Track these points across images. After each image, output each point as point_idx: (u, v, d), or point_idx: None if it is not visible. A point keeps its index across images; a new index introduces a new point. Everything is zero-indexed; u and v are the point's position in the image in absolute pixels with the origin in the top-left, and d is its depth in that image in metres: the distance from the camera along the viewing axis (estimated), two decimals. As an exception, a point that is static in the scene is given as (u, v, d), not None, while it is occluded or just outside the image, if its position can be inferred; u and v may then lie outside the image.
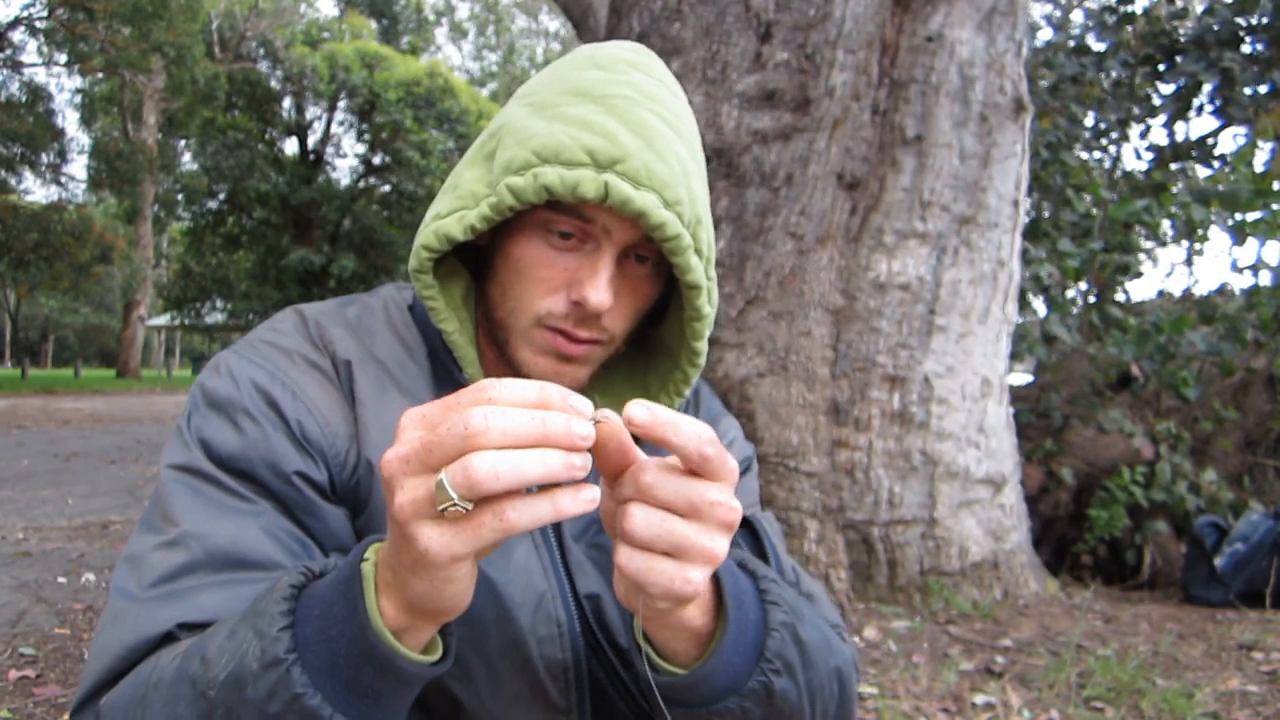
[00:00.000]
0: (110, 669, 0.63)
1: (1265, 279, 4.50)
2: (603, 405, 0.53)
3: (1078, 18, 6.95)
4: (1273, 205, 4.23)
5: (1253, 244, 4.70)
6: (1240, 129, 5.82)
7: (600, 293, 0.72)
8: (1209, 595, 3.21)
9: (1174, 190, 5.26)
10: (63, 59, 19.79)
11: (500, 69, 38.83)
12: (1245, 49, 5.38)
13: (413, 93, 22.74)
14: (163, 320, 34.28)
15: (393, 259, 23.53)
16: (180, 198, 24.58)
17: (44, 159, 20.58)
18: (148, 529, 0.70)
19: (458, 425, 0.47)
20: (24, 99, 19.57)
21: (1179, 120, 5.84)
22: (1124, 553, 3.71)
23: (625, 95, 0.73)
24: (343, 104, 24.30)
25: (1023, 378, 5.39)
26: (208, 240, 24.79)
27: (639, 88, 0.74)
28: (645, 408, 0.52)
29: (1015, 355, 4.03)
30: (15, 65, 19.26)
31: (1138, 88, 5.64)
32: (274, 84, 24.07)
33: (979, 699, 2.20)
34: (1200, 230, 4.71)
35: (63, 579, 3.37)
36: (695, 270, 0.72)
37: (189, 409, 0.76)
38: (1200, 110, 5.71)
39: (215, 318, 26.62)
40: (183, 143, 25.44)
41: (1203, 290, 6.14)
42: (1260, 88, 5.37)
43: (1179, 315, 4.01)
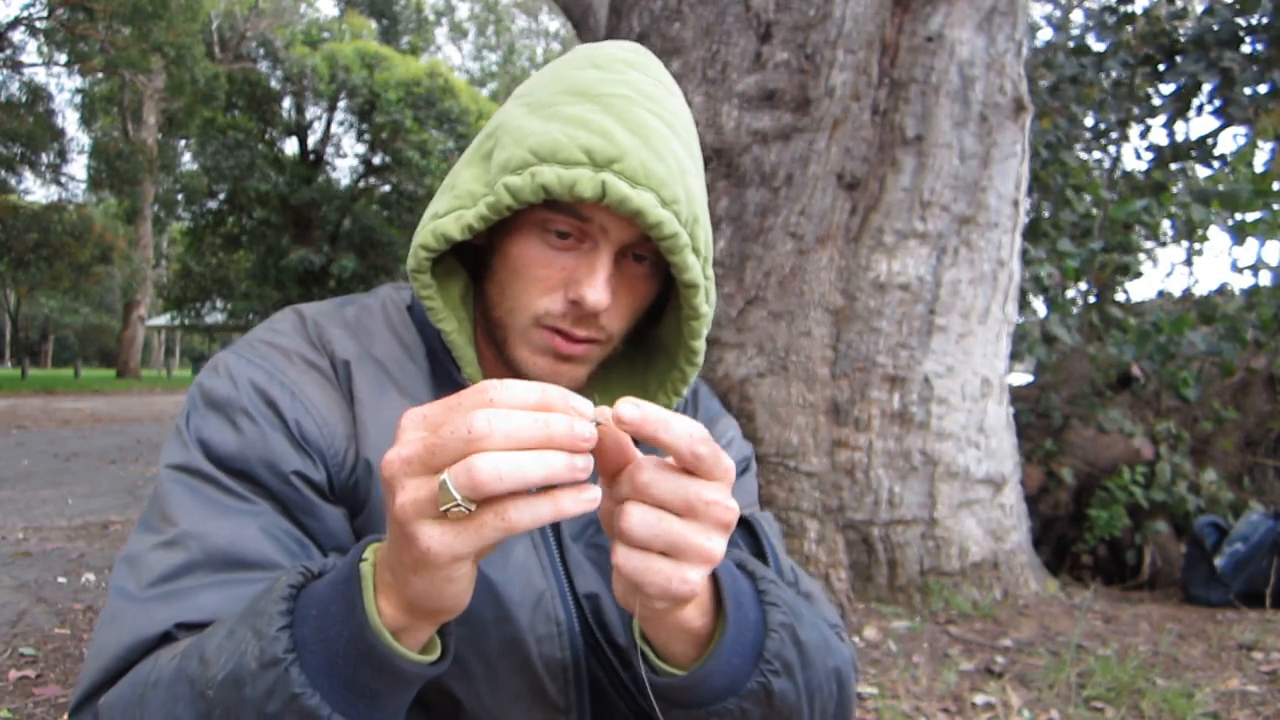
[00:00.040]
0: (109, 669, 0.64)
1: (1265, 279, 4.50)
2: (601, 405, 0.53)
3: (1078, 18, 6.95)
4: (1273, 205, 4.23)
5: (1253, 244, 4.69)
6: (1240, 129, 5.82)
7: (598, 292, 0.72)
8: (1209, 595, 3.21)
9: (1174, 190, 5.26)
10: (63, 59, 19.80)
11: (500, 69, 38.83)
12: (1245, 49, 5.37)
13: (413, 93, 22.73)
14: (163, 320, 34.29)
15: (393, 259, 23.52)
16: (180, 198, 24.58)
17: (44, 159, 20.58)
18: (146, 529, 0.70)
19: (461, 428, 0.47)
20: (24, 99, 19.57)
21: (1179, 120, 5.84)
22: (1124, 553, 3.71)
23: (622, 94, 0.73)
24: (343, 104, 24.30)
25: (1023, 378, 5.39)
26: (208, 240, 24.79)
27: (636, 87, 0.74)
28: (635, 406, 0.51)
29: (1015, 355, 4.03)
30: (15, 65, 19.26)
31: (1138, 88, 5.64)
32: (274, 84, 24.06)
33: (979, 699, 2.20)
34: (1200, 230, 4.71)
35: (63, 579, 3.37)
36: (692, 269, 0.72)
37: (188, 409, 0.76)
38: (1200, 110, 5.70)
39: (215, 318, 26.61)
40: (183, 143, 25.45)
41: (1203, 290, 6.14)
42: (1260, 88, 5.37)
43: (1179, 315, 4.01)
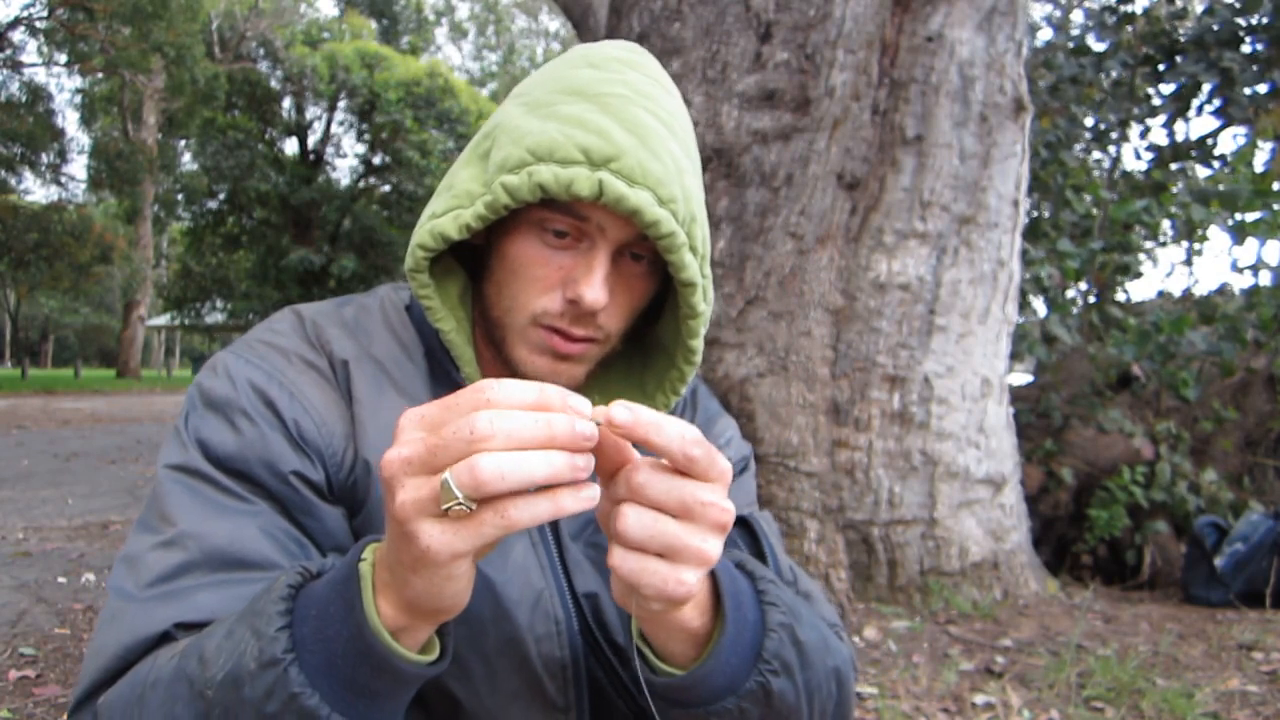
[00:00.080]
0: (108, 668, 0.64)
1: (1265, 279, 4.50)
2: (600, 404, 0.53)
3: (1078, 18, 6.94)
4: (1273, 205, 4.22)
5: (1253, 244, 4.70)
6: (1240, 129, 5.81)
7: (595, 291, 0.72)
8: (1209, 595, 3.21)
9: (1174, 190, 5.25)
10: (63, 59, 19.79)
11: (500, 69, 38.83)
12: (1245, 49, 5.37)
13: (413, 93, 22.72)
14: (163, 320, 34.28)
15: (393, 259, 23.51)
16: (180, 198, 24.57)
17: (44, 159, 20.58)
18: (145, 529, 0.70)
19: (463, 428, 0.47)
20: (24, 99, 19.56)
21: (1179, 120, 5.84)
22: (1124, 553, 3.71)
23: (619, 94, 0.73)
24: (343, 104, 24.29)
25: (1023, 378, 5.39)
26: (208, 240, 24.78)
27: (633, 86, 0.74)
28: (627, 408, 0.51)
29: (1015, 355, 4.03)
30: (15, 65, 19.26)
31: (1138, 88, 5.64)
32: (274, 84, 24.05)
33: (979, 699, 2.20)
34: (1200, 230, 4.71)
35: (63, 579, 3.37)
36: (690, 268, 0.72)
37: (186, 409, 0.76)
38: (1200, 110, 5.70)
39: (215, 318, 26.61)
40: (183, 143, 25.44)
41: (1203, 290, 6.14)
42: (1260, 88, 5.37)
43: (1179, 315, 4.01)
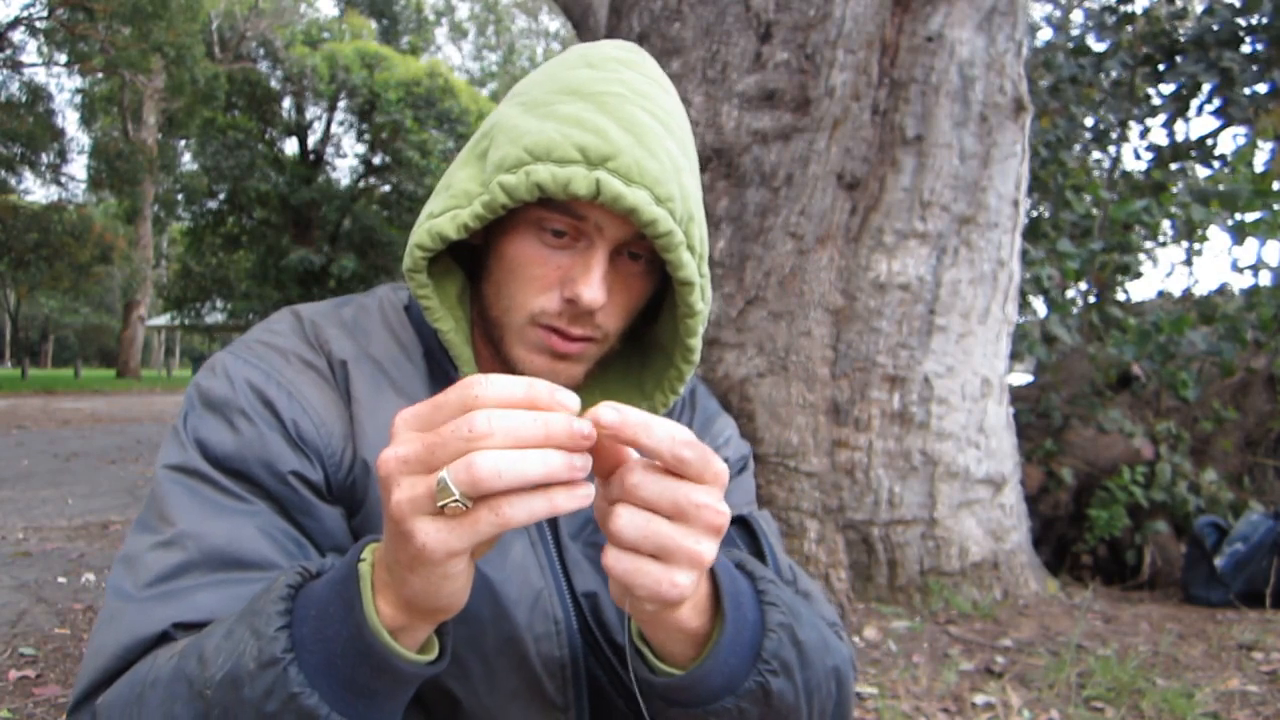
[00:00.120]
0: (107, 668, 0.64)
1: (1265, 279, 4.50)
2: (600, 404, 0.53)
3: (1078, 18, 6.94)
4: (1273, 205, 4.22)
5: (1253, 244, 4.70)
6: (1240, 129, 5.81)
7: (593, 290, 0.72)
8: (1209, 595, 3.21)
9: (1174, 190, 5.25)
10: (63, 59, 19.78)
11: (500, 69, 38.81)
12: (1245, 49, 5.37)
13: (413, 93, 22.72)
14: (163, 320, 34.28)
15: (393, 259, 23.50)
16: (180, 198, 24.55)
17: (44, 159, 20.57)
18: (144, 529, 0.70)
19: (461, 428, 0.47)
20: (24, 99, 19.56)
21: (1179, 120, 5.84)
22: (1124, 553, 3.71)
23: (616, 93, 0.73)
24: (343, 104, 24.28)
25: (1023, 378, 5.39)
26: (208, 240, 24.78)
27: (630, 85, 0.74)
28: (614, 409, 0.51)
29: (1015, 355, 4.03)
30: (15, 65, 19.26)
31: (1138, 88, 5.63)
32: (274, 84, 24.04)
33: (979, 699, 2.20)
34: (1200, 230, 4.71)
35: (63, 579, 3.37)
36: (688, 267, 0.72)
37: (185, 409, 0.76)
38: (1200, 110, 5.70)
39: (215, 318, 26.60)
40: (183, 143, 25.43)
41: (1203, 290, 6.14)
42: (1260, 88, 5.37)
43: (1179, 315, 4.01)
